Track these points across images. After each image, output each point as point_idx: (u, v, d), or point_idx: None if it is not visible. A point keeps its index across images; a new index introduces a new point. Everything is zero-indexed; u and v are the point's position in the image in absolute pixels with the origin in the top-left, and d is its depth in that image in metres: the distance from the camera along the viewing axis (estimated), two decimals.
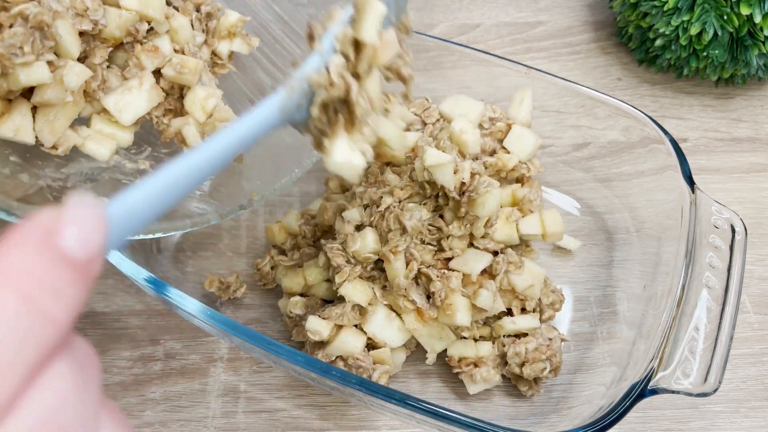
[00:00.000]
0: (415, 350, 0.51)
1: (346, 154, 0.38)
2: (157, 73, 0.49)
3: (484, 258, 0.49)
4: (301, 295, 0.52)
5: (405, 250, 0.47)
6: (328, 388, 0.48)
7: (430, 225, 0.49)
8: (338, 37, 0.38)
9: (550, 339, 0.49)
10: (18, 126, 0.43)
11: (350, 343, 0.47)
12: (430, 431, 0.45)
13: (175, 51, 0.50)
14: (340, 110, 0.39)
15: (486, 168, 0.52)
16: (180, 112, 0.50)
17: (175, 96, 0.50)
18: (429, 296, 0.48)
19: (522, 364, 0.48)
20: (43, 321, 0.21)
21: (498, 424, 0.40)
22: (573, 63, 0.75)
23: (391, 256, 0.47)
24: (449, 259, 0.49)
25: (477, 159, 0.53)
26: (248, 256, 0.58)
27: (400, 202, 0.48)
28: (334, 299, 0.52)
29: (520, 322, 0.49)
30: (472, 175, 0.47)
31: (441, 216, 0.49)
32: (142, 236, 0.47)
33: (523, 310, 0.51)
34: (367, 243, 0.48)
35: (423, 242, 0.49)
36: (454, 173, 0.46)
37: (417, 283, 0.49)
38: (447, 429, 0.42)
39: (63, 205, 0.24)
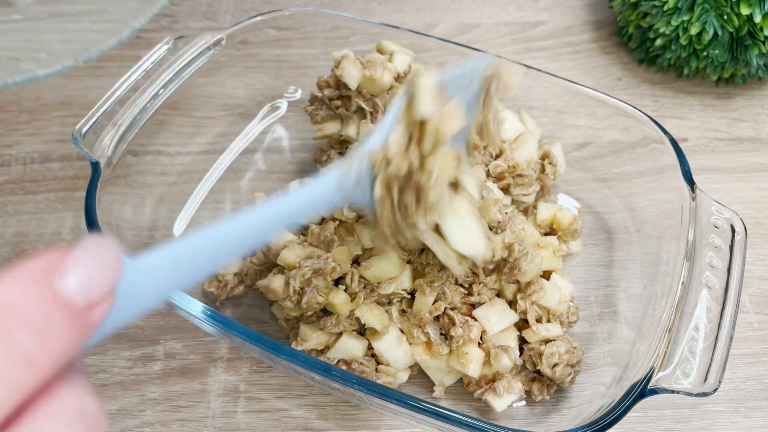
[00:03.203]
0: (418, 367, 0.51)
1: (467, 239, 0.39)
2: None
3: (507, 319, 0.49)
4: None
5: (439, 286, 0.47)
6: (329, 388, 0.48)
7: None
8: (398, 113, 0.36)
9: (575, 347, 0.49)
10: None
11: (351, 345, 0.47)
12: (430, 431, 0.45)
13: None
14: (407, 192, 0.37)
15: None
16: None
17: None
18: (444, 334, 0.49)
19: (555, 365, 0.48)
20: (20, 364, 0.19)
21: (498, 424, 0.40)
22: (573, 62, 0.75)
23: (427, 289, 0.47)
24: (474, 305, 0.49)
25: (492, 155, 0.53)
26: (248, 255, 0.58)
27: None
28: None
29: (552, 330, 0.49)
30: (509, 247, 0.46)
31: None
32: None
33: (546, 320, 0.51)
34: (402, 281, 0.47)
35: (456, 282, 0.49)
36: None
37: (437, 319, 0.49)
38: (447, 429, 0.42)
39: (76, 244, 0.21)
